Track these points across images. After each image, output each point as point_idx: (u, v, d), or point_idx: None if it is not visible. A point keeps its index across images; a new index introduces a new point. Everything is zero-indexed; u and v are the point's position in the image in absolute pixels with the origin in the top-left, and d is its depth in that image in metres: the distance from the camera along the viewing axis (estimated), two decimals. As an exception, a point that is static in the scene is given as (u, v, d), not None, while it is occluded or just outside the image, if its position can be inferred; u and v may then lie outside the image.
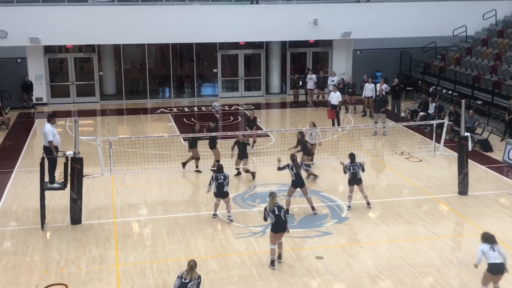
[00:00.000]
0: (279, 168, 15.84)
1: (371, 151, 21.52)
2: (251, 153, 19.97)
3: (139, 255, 13.55)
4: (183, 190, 17.68)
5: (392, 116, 25.87)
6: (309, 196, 15.90)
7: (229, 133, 19.82)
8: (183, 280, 10.06)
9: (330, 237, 14.51)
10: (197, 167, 18.96)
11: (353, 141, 22.73)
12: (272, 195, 12.99)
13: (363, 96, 27.18)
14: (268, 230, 14.71)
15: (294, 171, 15.59)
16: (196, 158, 18.98)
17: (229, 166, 17.64)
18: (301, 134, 18.73)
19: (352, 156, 16.07)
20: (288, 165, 15.69)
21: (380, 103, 24.03)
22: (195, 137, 18.47)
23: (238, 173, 18.76)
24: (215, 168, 16.01)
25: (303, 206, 16.37)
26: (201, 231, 14.78)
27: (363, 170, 16.16)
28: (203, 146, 19.31)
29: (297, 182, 15.71)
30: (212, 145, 18.95)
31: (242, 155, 18.45)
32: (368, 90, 26.82)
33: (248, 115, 22.71)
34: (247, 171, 18.61)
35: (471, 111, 22.98)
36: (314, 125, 19.83)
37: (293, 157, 15.75)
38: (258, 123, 24.08)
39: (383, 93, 24.65)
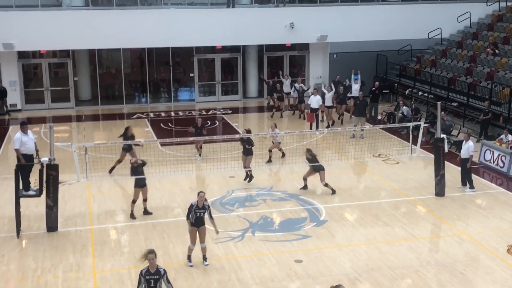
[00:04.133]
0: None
1: (349, 154, 21.58)
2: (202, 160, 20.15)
3: (116, 262, 13.40)
4: (160, 196, 17.54)
5: (369, 120, 25.96)
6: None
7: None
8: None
9: (309, 240, 14.50)
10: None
11: (331, 144, 22.77)
12: (201, 194, 12.93)
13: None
14: (247, 234, 14.73)
15: None
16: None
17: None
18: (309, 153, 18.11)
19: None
20: None
21: (360, 106, 24.04)
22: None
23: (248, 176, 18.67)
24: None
25: (282, 210, 16.36)
26: (180, 237, 14.66)
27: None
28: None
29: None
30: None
31: (247, 152, 18.45)
32: (328, 98, 25.78)
33: (196, 122, 21.67)
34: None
35: (442, 112, 23.27)
36: (276, 127, 20.11)
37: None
38: (236, 127, 24.10)
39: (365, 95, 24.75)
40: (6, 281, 12.59)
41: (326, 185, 17.53)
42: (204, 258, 13.18)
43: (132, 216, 15.87)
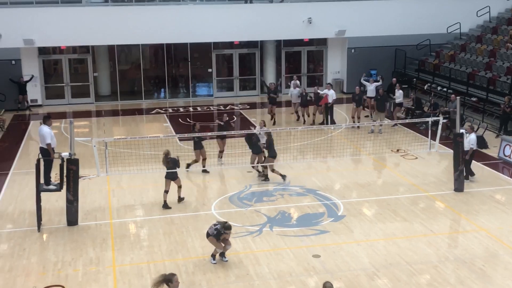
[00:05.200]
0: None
1: (367, 149, 21.54)
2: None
3: (136, 256, 13.53)
4: (179, 190, 17.64)
5: (387, 115, 25.79)
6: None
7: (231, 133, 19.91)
8: None
9: (327, 235, 14.52)
10: (204, 167, 18.89)
11: (348, 139, 22.74)
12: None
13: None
14: (265, 229, 14.78)
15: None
16: (203, 159, 18.91)
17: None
18: (268, 134, 18.31)
19: None
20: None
21: (381, 101, 23.90)
22: (200, 138, 18.40)
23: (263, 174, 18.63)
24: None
25: (300, 205, 16.39)
26: (198, 231, 14.76)
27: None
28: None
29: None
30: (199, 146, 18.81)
31: (257, 150, 18.44)
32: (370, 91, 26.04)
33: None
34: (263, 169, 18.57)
35: (453, 95, 23.22)
36: (265, 125, 19.78)
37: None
38: (253, 122, 24.18)
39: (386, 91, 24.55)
40: (27, 274, 12.76)
41: (257, 169, 18.25)
42: (223, 255, 13.19)
43: (166, 205, 16.23)
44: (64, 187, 15.02)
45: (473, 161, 19.16)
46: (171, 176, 16.29)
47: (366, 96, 26.36)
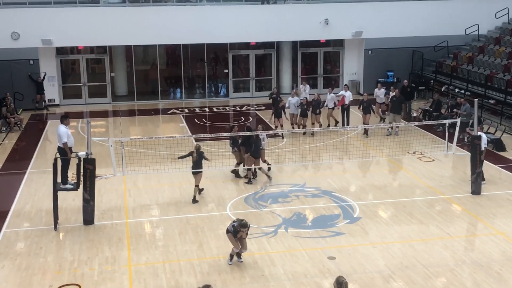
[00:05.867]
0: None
1: (383, 151, 21.44)
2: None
3: (151, 256, 13.58)
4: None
5: (403, 117, 25.54)
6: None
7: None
8: None
9: (342, 237, 14.47)
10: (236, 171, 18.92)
11: (364, 140, 22.66)
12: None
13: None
14: (280, 230, 14.76)
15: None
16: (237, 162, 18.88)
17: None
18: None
19: None
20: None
21: (396, 103, 23.63)
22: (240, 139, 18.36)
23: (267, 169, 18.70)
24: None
25: (315, 207, 16.36)
26: (213, 231, 14.79)
27: None
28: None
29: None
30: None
31: (257, 154, 18.32)
32: (329, 100, 24.69)
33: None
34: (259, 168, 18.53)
35: (462, 99, 23.07)
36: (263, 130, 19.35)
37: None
38: (269, 123, 24.19)
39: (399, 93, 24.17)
40: (44, 272, 12.85)
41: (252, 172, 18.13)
42: (239, 256, 13.15)
43: (194, 200, 16.70)
44: (81, 186, 15.11)
45: (490, 163, 19.05)
46: (198, 171, 16.70)
47: (376, 102, 25.72)
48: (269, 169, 18.91)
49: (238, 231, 12.70)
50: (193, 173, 16.85)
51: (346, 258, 13.27)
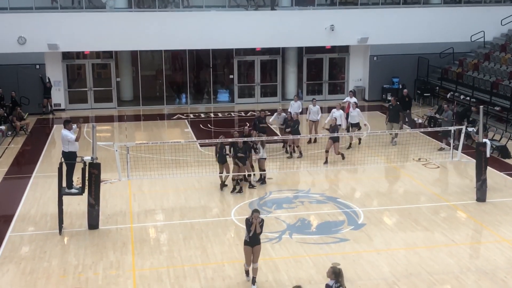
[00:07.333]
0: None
1: (388, 158, 21.41)
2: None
3: (155, 261, 13.58)
4: (199, 196, 17.69)
5: (401, 127, 24.98)
6: None
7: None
8: None
9: (347, 243, 14.44)
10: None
11: (370, 147, 22.62)
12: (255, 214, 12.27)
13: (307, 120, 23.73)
14: (284, 236, 14.74)
15: None
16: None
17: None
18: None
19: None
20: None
21: (393, 112, 23.25)
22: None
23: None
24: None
25: (320, 213, 16.34)
26: (218, 237, 14.78)
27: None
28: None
29: None
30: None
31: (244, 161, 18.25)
32: (313, 113, 23.39)
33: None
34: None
35: (446, 105, 23.08)
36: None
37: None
38: (274, 128, 24.19)
39: (397, 102, 23.84)
40: (48, 277, 12.87)
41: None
42: (253, 282, 12.31)
43: (222, 187, 17.92)
44: (86, 191, 15.14)
45: (495, 170, 19.01)
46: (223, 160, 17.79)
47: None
48: (263, 180, 18.68)
49: (251, 222, 12.07)
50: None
51: (351, 265, 13.25)
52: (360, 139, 23.12)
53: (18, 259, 13.67)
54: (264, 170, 18.57)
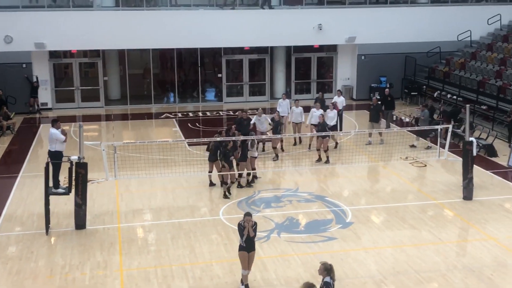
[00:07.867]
0: None
1: (376, 156, 21.48)
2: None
3: (143, 260, 13.54)
4: (187, 195, 17.66)
5: (388, 127, 25.00)
6: None
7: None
8: None
9: (335, 242, 14.48)
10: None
11: (357, 145, 22.69)
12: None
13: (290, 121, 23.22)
14: (273, 235, 14.75)
15: None
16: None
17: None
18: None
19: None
20: None
21: (373, 112, 23.15)
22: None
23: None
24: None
25: (308, 211, 16.37)
26: (206, 236, 14.77)
27: None
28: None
29: None
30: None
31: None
32: (296, 114, 22.80)
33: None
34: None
35: (422, 105, 23.40)
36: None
37: None
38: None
39: (378, 102, 23.74)
40: (35, 277, 12.80)
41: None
42: (244, 285, 12.28)
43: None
44: (73, 190, 15.08)
45: (482, 169, 19.13)
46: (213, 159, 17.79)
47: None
48: (252, 180, 18.58)
49: (243, 227, 11.98)
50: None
51: (339, 263, 13.27)
52: (337, 143, 22.52)
53: (4, 259, 13.58)
54: (255, 169, 18.57)
